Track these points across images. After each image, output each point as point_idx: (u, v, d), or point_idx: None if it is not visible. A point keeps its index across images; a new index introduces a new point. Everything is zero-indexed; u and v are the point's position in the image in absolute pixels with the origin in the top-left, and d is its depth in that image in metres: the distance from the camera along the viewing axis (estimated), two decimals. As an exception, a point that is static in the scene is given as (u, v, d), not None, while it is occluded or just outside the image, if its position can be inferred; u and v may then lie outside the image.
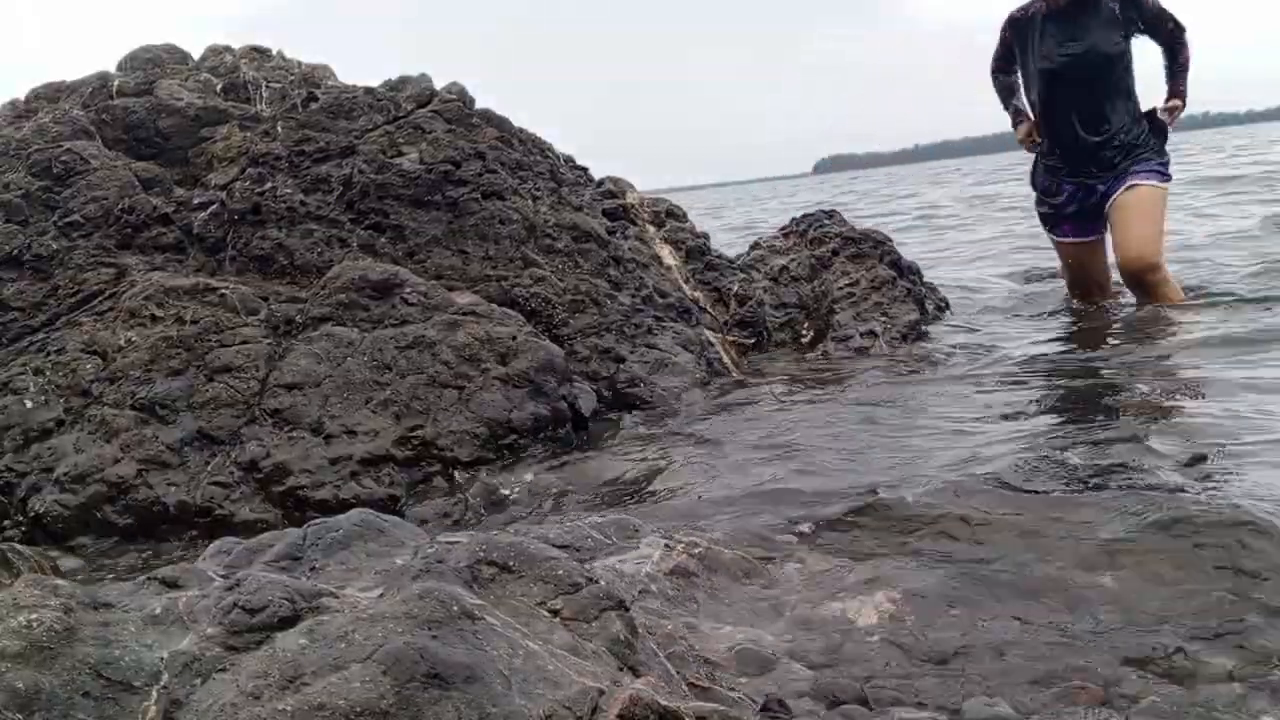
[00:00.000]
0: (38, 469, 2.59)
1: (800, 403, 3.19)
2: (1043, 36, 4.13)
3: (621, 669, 1.16)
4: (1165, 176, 4.12)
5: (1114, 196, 4.10)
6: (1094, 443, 2.21)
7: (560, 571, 1.28)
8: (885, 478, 2.20)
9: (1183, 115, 4.16)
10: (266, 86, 3.65)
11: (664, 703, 1.05)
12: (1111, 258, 4.24)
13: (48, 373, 2.76)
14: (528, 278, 3.34)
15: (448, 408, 2.73)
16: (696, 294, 3.91)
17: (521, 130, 3.90)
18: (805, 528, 1.92)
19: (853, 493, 2.12)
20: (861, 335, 3.97)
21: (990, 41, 4.41)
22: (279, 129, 3.49)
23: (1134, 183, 4.05)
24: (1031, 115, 4.34)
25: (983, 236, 8.63)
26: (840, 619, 1.50)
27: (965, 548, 1.73)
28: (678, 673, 1.27)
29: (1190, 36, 4.07)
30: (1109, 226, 4.19)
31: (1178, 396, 2.67)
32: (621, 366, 3.24)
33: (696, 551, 1.73)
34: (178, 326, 2.84)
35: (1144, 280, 4.09)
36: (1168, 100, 4.13)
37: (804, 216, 4.83)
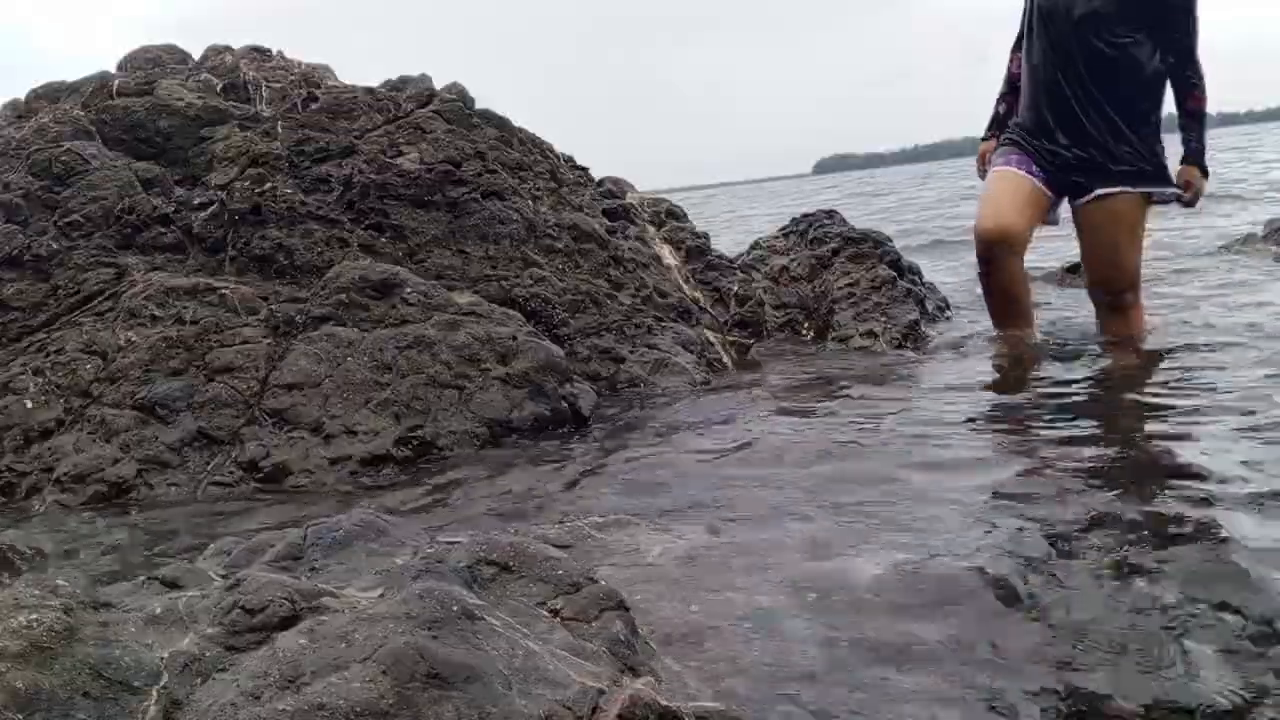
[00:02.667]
0: (38, 469, 2.58)
1: (799, 403, 3.19)
2: None
3: (622, 669, 1.16)
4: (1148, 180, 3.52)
5: (1082, 200, 3.56)
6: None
7: (560, 571, 1.28)
8: (886, 478, 2.20)
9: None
10: (266, 86, 3.65)
11: (664, 702, 1.05)
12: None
13: (48, 373, 2.76)
14: (528, 278, 3.34)
15: (448, 408, 2.73)
16: (696, 294, 3.91)
17: (521, 130, 3.90)
18: (806, 525, 1.91)
19: (850, 490, 2.12)
20: (861, 335, 3.97)
21: (987, 41, 4.02)
22: (279, 129, 3.49)
23: (1109, 190, 3.49)
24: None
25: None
26: (846, 612, 1.50)
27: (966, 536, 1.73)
28: (678, 671, 1.27)
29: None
30: (1077, 232, 3.67)
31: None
32: (621, 366, 3.24)
33: (697, 549, 1.73)
34: (178, 326, 2.84)
35: (1117, 304, 3.57)
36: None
37: (804, 216, 4.83)
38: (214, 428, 2.64)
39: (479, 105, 3.80)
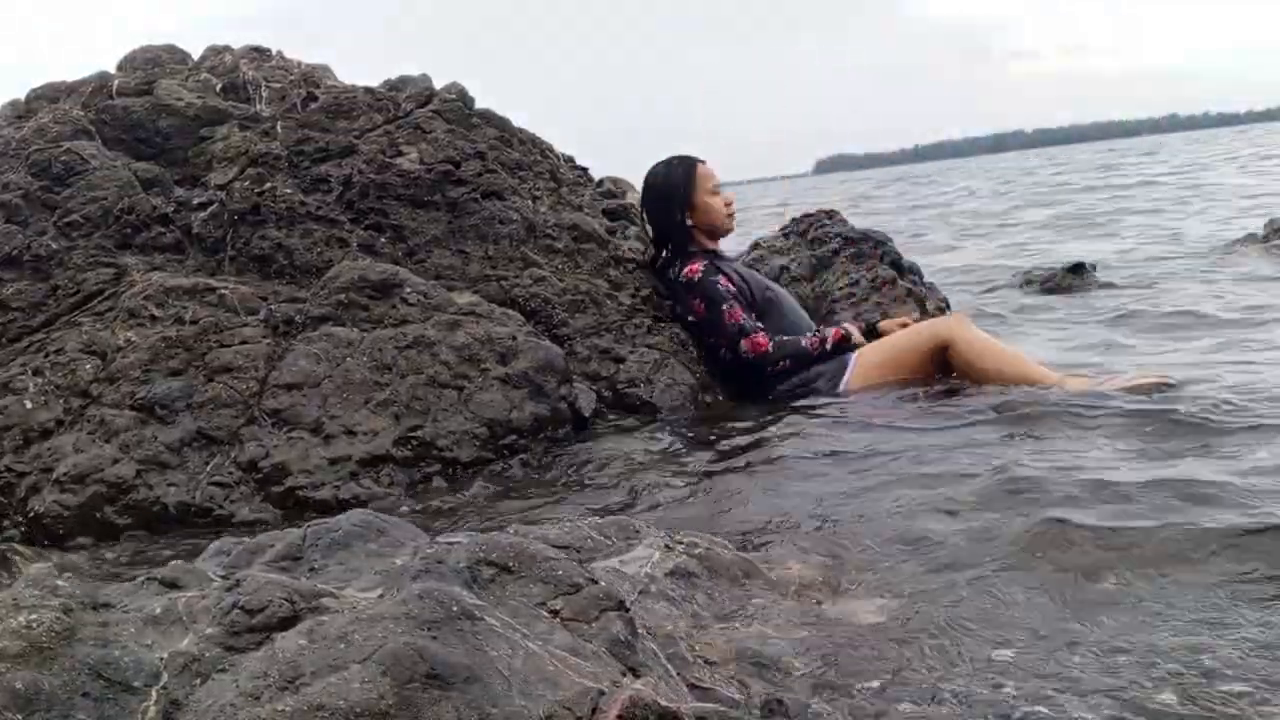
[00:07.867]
0: (37, 469, 2.58)
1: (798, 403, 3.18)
2: None
3: (622, 670, 1.16)
4: None
5: None
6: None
7: (560, 572, 1.28)
8: (887, 479, 2.20)
9: (1182, 115, 3.60)
10: (266, 86, 3.65)
11: (663, 703, 1.05)
12: None
13: (47, 373, 2.76)
14: (527, 278, 3.34)
15: (447, 408, 2.73)
16: (696, 294, 3.90)
17: (521, 130, 3.90)
18: (804, 527, 1.92)
19: (852, 493, 2.13)
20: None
21: (987, 41, 3.94)
22: (278, 129, 3.48)
23: None
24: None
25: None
26: (841, 620, 1.50)
27: (968, 553, 1.73)
28: (678, 673, 1.27)
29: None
30: None
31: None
32: (621, 367, 3.24)
33: (697, 552, 1.73)
34: (177, 326, 2.84)
35: None
36: None
37: (804, 216, 4.83)
38: (213, 428, 2.64)
39: (479, 105, 3.80)
